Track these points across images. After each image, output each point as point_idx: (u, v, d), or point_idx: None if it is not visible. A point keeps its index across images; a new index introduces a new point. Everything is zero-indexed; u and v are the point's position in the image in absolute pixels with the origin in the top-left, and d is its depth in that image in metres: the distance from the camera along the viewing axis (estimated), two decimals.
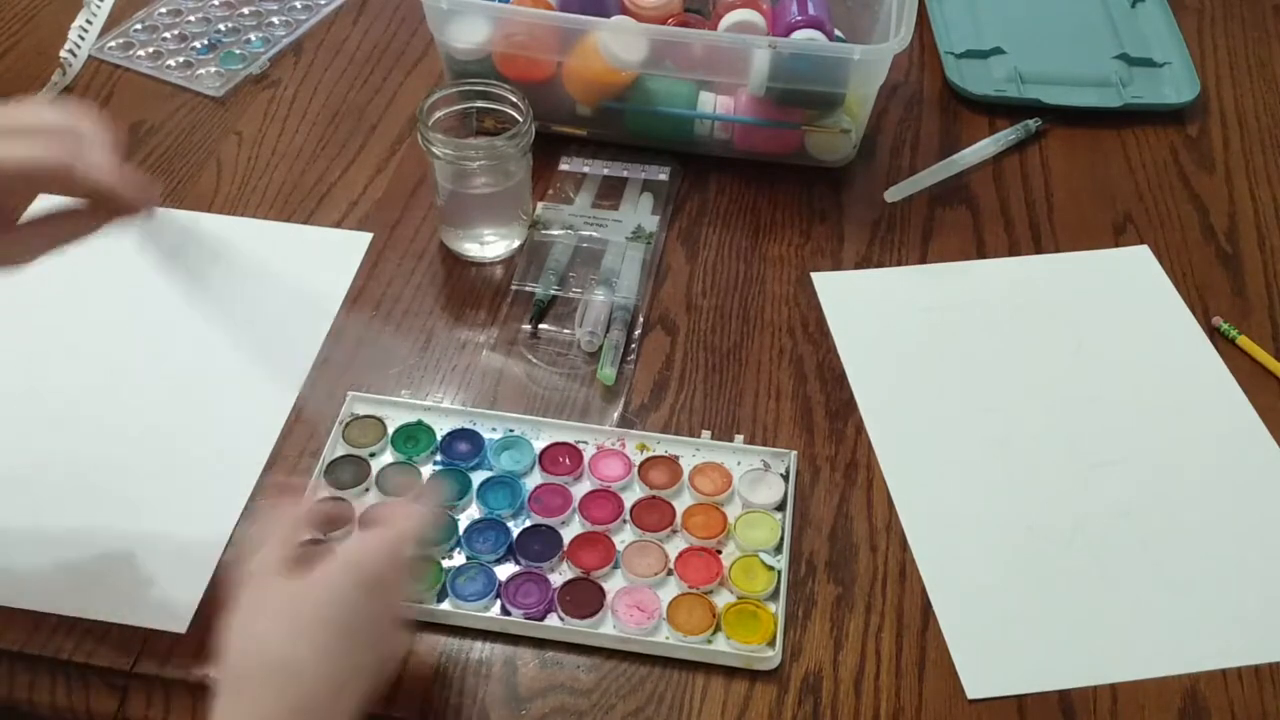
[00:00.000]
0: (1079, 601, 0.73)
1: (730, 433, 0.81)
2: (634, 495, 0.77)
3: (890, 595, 0.73)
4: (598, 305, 0.88)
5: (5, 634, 0.69)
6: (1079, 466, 0.80)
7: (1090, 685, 0.69)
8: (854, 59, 0.91)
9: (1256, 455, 0.81)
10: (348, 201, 0.97)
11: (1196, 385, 0.86)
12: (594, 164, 1.00)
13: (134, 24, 1.14)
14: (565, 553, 0.73)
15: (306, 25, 1.14)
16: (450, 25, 0.96)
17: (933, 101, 1.10)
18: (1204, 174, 1.03)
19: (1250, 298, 0.92)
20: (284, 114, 1.05)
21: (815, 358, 0.87)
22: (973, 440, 0.82)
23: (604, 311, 0.87)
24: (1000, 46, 1.11)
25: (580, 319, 0.87)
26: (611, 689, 0.68)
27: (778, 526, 0.75)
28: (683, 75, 0.97)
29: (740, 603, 0.71)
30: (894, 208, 0.99)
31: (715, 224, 0.97)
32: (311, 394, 0.82)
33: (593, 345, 0.85)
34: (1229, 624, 0.72)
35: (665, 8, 0.98)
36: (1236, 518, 0.78)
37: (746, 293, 0.91)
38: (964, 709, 0.68)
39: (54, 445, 0.78)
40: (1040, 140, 1.06)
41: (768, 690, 0.68)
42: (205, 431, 0.79)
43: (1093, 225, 0.98)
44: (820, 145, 1.00)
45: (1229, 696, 0.69)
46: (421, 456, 0.78)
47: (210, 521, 0.75)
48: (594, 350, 0.85)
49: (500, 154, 0.86)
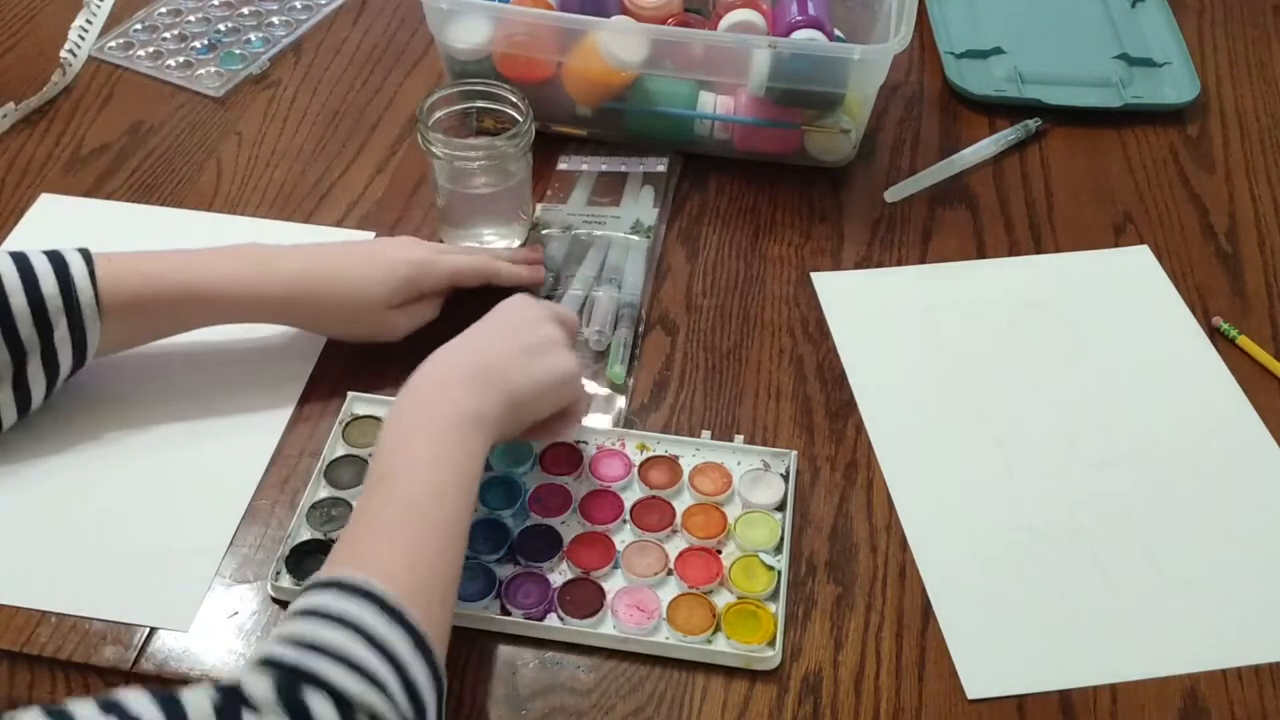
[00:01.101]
0: (1079, 601, 0.73)
1: (730, 433, 0.81)
2: (634, 495, 0.77)
3: (890, 595, 0.73)
4: (604, 303, 0.87)
5: (5, 634, 0.69)
6: (1079, 466, 0.80)
7: (1090, 685, 0.69)
8: (854, 59, 0.91)
9: (1256, 455, 0.81)
10: (348, 201, 0.97)
11: (1196, 385, 0.86)
12: (592, 160, 1.00)
13: (134, 24, 1.14)
14: (565, 553, 0.73)
15: (306, 25, 1.14)
16: (450, 25, 0.96)
17: (933, 101, 1.10)
18: (1204, 174, 1.03)
19: (1250, 298, 0.92)
20: (284, 114, 1.05)
21: (815, 358, 0.87)
22: (973, 440, 0.82)
23: (610, 309, 0.87)
24: (1000, 46, 1.11)
25: (587, 318, 0.87)
26: (611, 689, 0.68)
27: (778, 526, 0.75)
28: (683, 75, 0.97)
29: (740, 603, 0.71)
30: (894, 208, 0.99)
31: (715, 224, 0.97)
32: (311, 394, 0.82)
33: (601, 344, 0.85)
34: (1229, 624, 0.72)
35: (665, 8, 0.98)
36: (1236, 518, 0.78)
37: (746, 293, 0.91)
38: (964, 709, 0.68)
39: (55, 445, 0.78)
40: (1040, 140, 1.06)
41: (768, 690, 0.68)
42: (207, 431, 0.79)
43: (1093, 225, 0.98)
44: (820, 145, 1.00)
45: (1229, 696, 0.69)
46: None
47: (212, 521, 0.75)
48: (602, 349, 0.85)
49: (500, 154, 0.86)
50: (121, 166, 0.99)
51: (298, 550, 0.72)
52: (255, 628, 0.70)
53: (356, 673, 0.54)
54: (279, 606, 0.71)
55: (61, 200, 0.96)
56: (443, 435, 0.65)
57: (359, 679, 0.54)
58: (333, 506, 0.75)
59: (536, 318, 0.74)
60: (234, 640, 0.69)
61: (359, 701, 0.53)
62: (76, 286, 0.73)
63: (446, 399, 0.67)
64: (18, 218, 0.94)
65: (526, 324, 0.74)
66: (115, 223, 0.94)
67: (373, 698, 0.53)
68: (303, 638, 0.55)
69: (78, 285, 0.73)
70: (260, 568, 0.73)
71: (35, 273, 0.72)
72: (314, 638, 0.55)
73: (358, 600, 0.57)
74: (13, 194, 0.96)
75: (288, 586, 0.71)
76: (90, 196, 0.96)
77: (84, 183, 0.97)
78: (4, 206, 0.95)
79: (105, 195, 0.96)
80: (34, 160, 0.99)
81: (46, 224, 0.93)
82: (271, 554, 0.73)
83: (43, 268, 0.73)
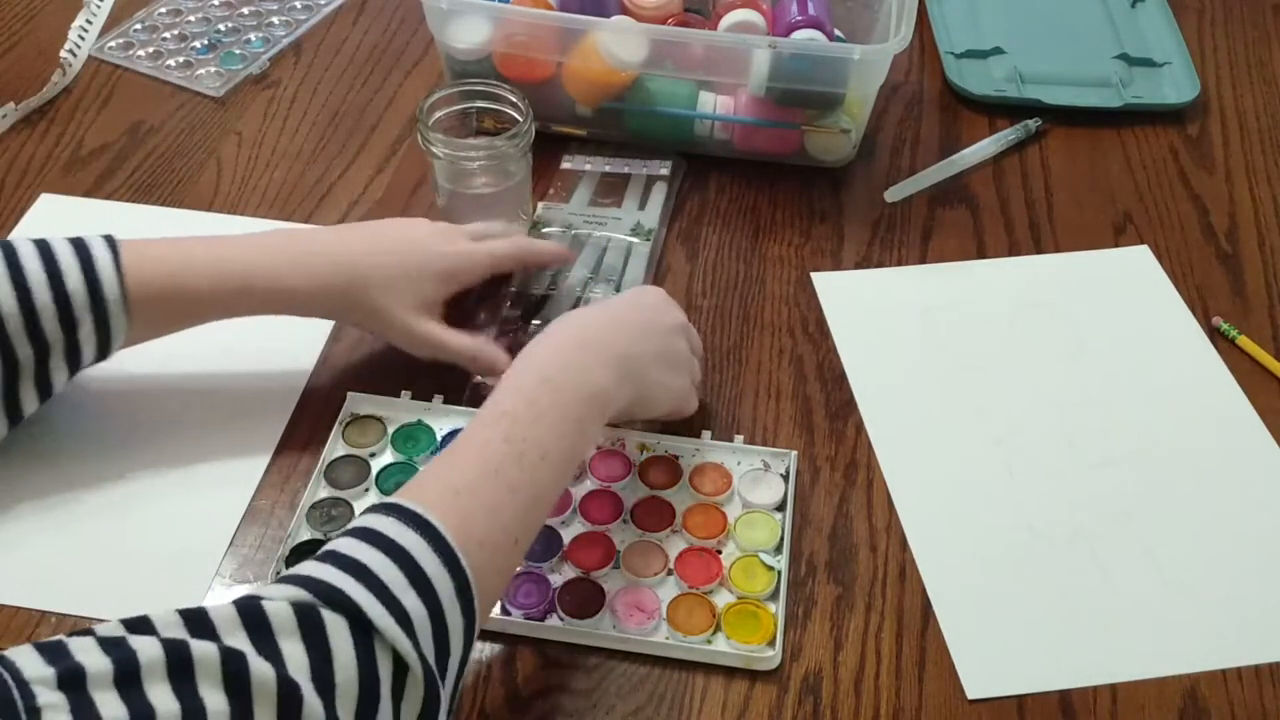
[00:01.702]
0: (1079, 601, 0.73)
1: (730, 433, 0.81)
2: (634, 495, 0.77)
3: (890, 595, 0.73)
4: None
5: (5, 634, 0.69)
6: (1079, 466, 0.80)
7: (1090, 685, 0.69)
8: (854, 59, 0.91)
9: (1256, 455, 0.81)
10: (348, 201, 0.97)
11: (1196, 385, 0.86)
12: (595, 160, 1.00)
13: (134, 24, 1.14)
14: (565, 553, 0.73)
15: (306, 25, 1.14)
16: (450, 25, 0.96)
17: (933, 101, 1.10)
18: (1204, 174, 1.03)
19: (1250, 298, 0.92)
20: (284, 114, 1.05)
21: (815, 358, 0.87)
22: (973, 440, 0.82)
23: None
24: (1000, 46, 1.11)
25: None
26: (611, 689, 0.68)
27: (778, 526, 0.75)
28: (683, 75, 0.97)
29: (740, 603, 0.71)
30: (894, 208, 0.99)
31: (715, 224, 0.97)
32: (312, 394, 0.82)
33: None
34: (1229, 624, 0.72)
35: (665, 8, 0.98)
36: (1236, 518, 0.78)
37: (746, 293, 0.91)
38: (964, 709, 0.68)
39: (55, 445, 0.78)
40: (1040, 140, 1.06)
41: (768, 690, 0.68)
42: (207, 431, 0.79)
43: (1093, 225, 0.98)
44: (820, 145, 1.00)
45: (1229, 696, 0.69)
46: (421, 456, 0.78)
47: (212, 521, 0.75)
48: None
49: (500, 154, 0.86)
50: (121, 166, 0.99)
51: (298, 550, 0.72)
52: None
53: (386, 601, 0.52)
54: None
55: (61, 200, 0.96)
56: (574, 404, 0.65)
57: (388, 610, 0.52)
58: (333, 506, 0.75)
59: (675, 327, 0.75)
60: None
61: (381, 632, 0.52)
62: (103, 281, 0.70)
63: (589, 372, 0.66)
64: (18, 218, 0.94)
65: (668, 333, 0.74)
66: (115, 223, 0.93)
67: (396, 633, 0.52)
68: (344, 555, 0.54)
69: (104, 280, 0.70)
70: (260, 568, 0.73)
71: (60, 265, 0.69)
72: (356, 557, 0.54)
73: (414, 531, 0.55)
74: (13, 194, 0.96)
75: None
76: (90, 197, 0.96)
77: (84, 183, 0.97)
78: (4, 206, 0.95)
79: (105, 195, 0.96)
80: (34, 160, 0.99)
81: (46, 224, 0.93)
82: (271, 554, 0.73)
83: (67, 261, 0.70)
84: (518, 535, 0.61)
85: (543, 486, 0.63)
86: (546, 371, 0.66)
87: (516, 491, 0.61)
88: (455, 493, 0.59)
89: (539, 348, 0.67)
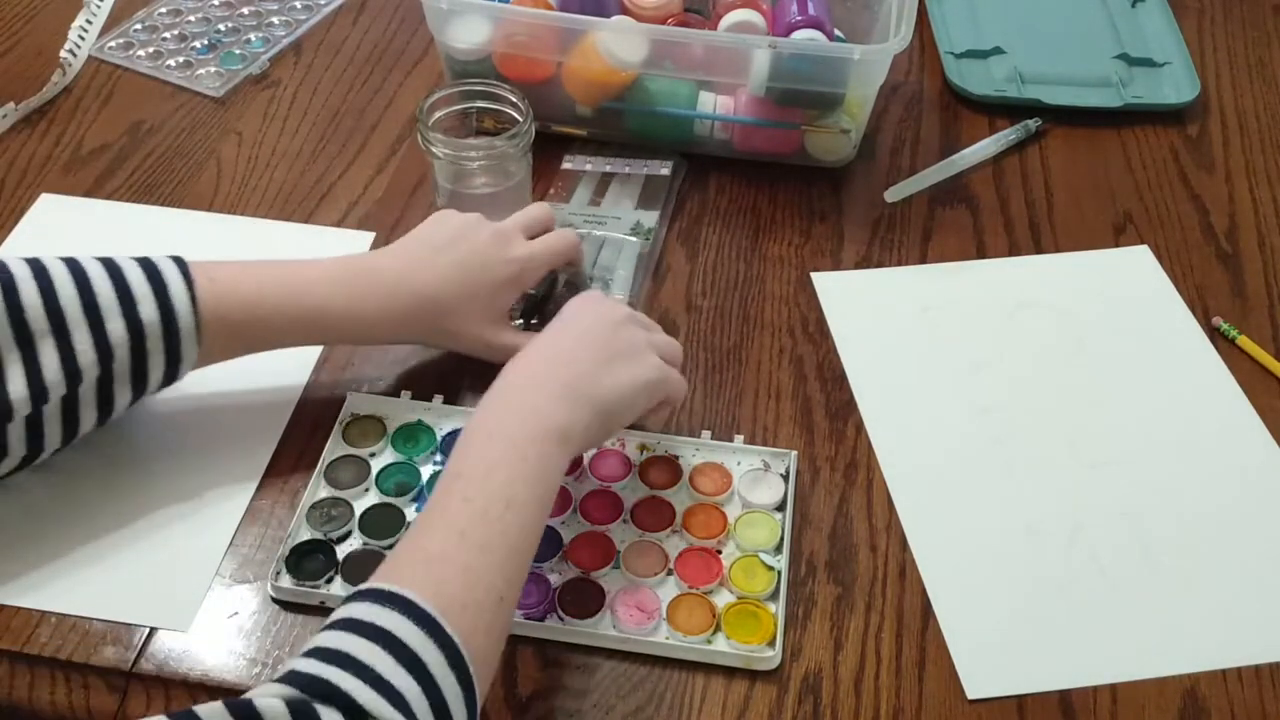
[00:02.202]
0: (1079, 601, 0.73)
1: (730, 433, 0.81)
2: (634, 495, 0.77)
3: (890, 595, 0.73)
4: None
5: (5, 634, 0.69)
6: (1079, 466, 0.80)
7: (1090, 685, 0.69)
8: (854, 59, 0.91)
9: (1256, 455, 0.81)
10: (348, 201, 0.97)
11: (1196, 385, 0.86)
12: (595, 160, 1.00)
13: (134, 24, 1.14)
14: (565, 552, 0.73)
15: (306, 25, 1.14)
16: (450, 25, 0.96)
17: (933, 101, 1.10)
18: (1204, 174, 1.03)
19: (1250, 298, 0.92)
20: (284, 114, 1.05)
21: (815, 358, 0.87)
22: (973, 440, 0.82)
23: None
24: (1000, 46, 1.11)
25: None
26: (611, 689, 0.68)
27: (778, 526, 0.75)
28: (683, 75, 0.97)
29: (740, 603, 0.71)
30: (894, 208, 0.99)
31: (715, 224, 0.97)
32: (312, 394, 0.82)
33: None
34: (1229, 624, 0.72)
35: (665, 8, 0.98)
36: (1236, 518, 0.78)
37: (746, 293, 0.91)
38: (964, 709, 0.68)
39: None
40: (1040, 140, 1.06)
41: (768, 690, 0.68)
42: (207, 432, 0.79)
43: (1093, 225, 0.98)
44: (820, 145, 1.00)
45: (1229, 696, 0.69)
46: (421, 456, 0.78)
47: (212, 521, 0.75)
48: None
49: (500, 154, 0.86)
50: (121, 166, 0.99)
51: (298, 550, 0.72)
52: (255, 628, 0.70)
53: (378, 687, 0.52)
54: (279, 606, 0.71)
55: (61, 200, 0.96)
56: (526, 447, 0.64)
57: (379, 694, 0.52)
58: (332, 507, 0.75)
59: (618, 319, 0.73)
60: (234, 640, 0.69)
61: (377, 718, 0.51)
62: (178, 313, 0.69)
63: (535, 411, 0.65)
64: (18, 218, 0.94)
65: (610, 327, 0.72)
66: (115, 223, 0.94)
67: (392, 714, 0.52)
68: (329, 649, 0.54)
69: (179, 312, 0.69)
70: (260, 568, 0.73)
71: (133, 294, 0.69)
72: (340, 649, 0.54)
73: (395, 610, 0.55)
74: (13, 194, 0.96)
75: (288, 586, 0.71)
76: (90, 196, 0.96)
77: (84, 183, 0.97)
78: (4, 206, 0.95)
79: (105, 195, 0.96)
80: (34, 160, 0.99)
81: (46, 224, 0.93)
82: (271, 554, 0.73)
83: (141, 290, 0.69)
84: (502, 592, 0.60)
85: (516, 536, 0.62)
86: (488, 426, 0.65)
87: (489, 549, 0.60)
88: (427, 562, 0.59)
89: (487, 403, 0.67)
